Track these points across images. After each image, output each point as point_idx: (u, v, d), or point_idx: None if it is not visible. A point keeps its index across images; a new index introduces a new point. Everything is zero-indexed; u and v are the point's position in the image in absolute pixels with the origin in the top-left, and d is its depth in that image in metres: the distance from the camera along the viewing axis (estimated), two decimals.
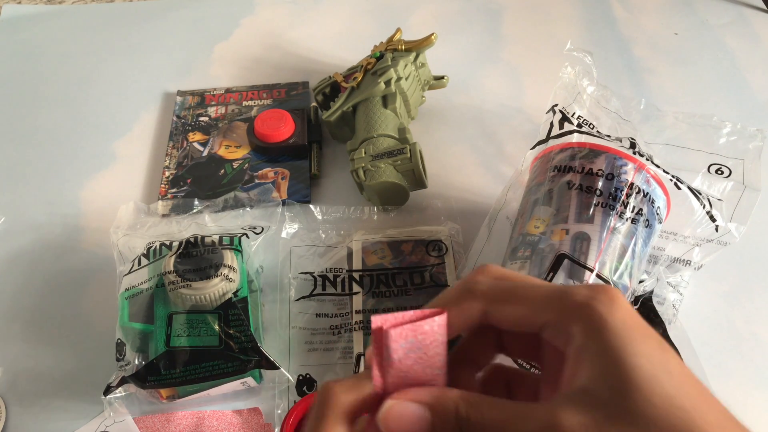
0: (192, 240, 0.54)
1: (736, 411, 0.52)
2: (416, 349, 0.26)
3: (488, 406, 0.24)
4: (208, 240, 0.55)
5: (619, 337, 0.24)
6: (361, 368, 0.52)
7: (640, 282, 0.55)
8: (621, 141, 0.55)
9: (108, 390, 0.49)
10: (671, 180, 0.53)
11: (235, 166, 0.70)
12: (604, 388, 0.23)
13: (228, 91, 0.80)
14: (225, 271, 0.52)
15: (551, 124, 0.59)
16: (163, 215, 0.65)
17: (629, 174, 0.52)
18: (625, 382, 0.23)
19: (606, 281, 0.48)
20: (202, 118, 0.76)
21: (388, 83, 0.67)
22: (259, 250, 0.59)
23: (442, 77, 0.75)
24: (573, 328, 0.25)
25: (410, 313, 0.26)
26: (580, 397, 0.23)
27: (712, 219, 0.54)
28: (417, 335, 0.25)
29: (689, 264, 0.57)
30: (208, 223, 0.61)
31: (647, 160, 0.53)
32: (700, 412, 0.23)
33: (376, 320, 0.25)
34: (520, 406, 0.24)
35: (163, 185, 0.68)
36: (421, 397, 0.25)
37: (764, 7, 0.93)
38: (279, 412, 0.51)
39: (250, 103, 0.78)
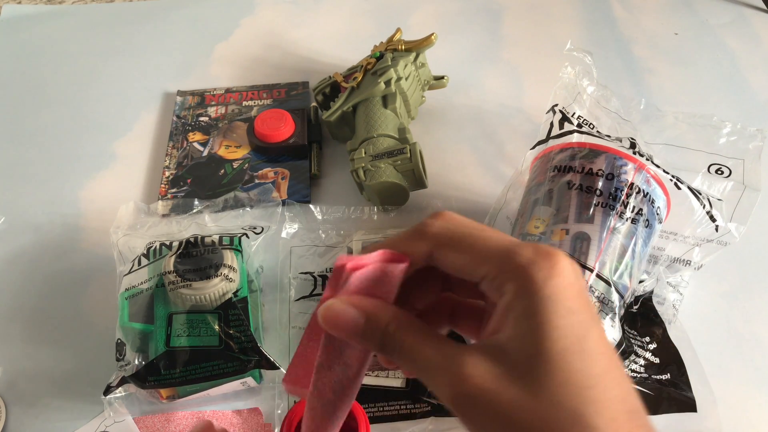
0: (192, 240, 0.54)
1: (736, 411, 0.52)
2: (371, 285, 0.27)
3: (413, 333, 0.26)
4: (208, 240, 0.55)
5: (546, 307, 0.24)
6: None
7: (640, 282, 0.55)
8: (621, 141, 0.55)
9: (108, 390, 0.49)
10: (671, 180, 0.53)
11: (235, 166, 0.70)
12: (516, 351, 0.24)
13: (228, 91, 0.80)
14: (225, 271, 0.52)
15: (551, 124, 0.59)
16: (163, 215, 0.65)
17: (629, 174, 0.52)
18: (538, 351, 0.23)
19: (606, 281, 0.48)
20: (202, 118, 0.76)
21: (388, 83, 0.67)
22: (259, 250, 0.59)
23: (442, 77, 0.75)
24: (507, 286, 0.25)
25: (374, 255, 0.27)
26: (492, 351, 0.25)
27: (712, 219, 0.54)
28: (376, 275, 0.27)
29: (689, 264, 0.57)
30: (208, 223, 0.61)
31: (647, 160, 0.53)
32: (600, 390, 0.23)
33: (341, 258, 0.27)
34: (439, 341, 0.26)
35: (163, 185, 0.68)
36: (362, 305, 0.27)
37: (764, 7, 0.93)
38: (279, 412, 0.51)
39: (250, 103, 0.78)
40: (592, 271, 0.48)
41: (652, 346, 0.53)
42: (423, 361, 0.25)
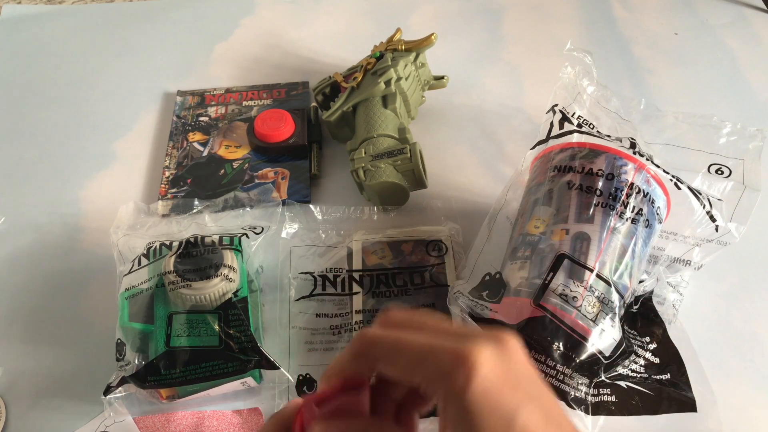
0: (192, 240, 0.54)
1: (736, 411, 0.52)
2: (338, 413, 0.29)
3: None
4: (208, 240, 0.55)
5: (471, 415, 0.26)
6: None
7: (640, 282, 0.55)
8: (621, 141, 0.55)
9: (108, 390, 0.49)
10: (671, 180, 0.53)
11: (235, 166, 0.70)
12: None
13: (228, 91, 0.80)
14: (225, 271, 0.52)
15: (551, 124, 0.59)
16: (163, 215, 0.65)
17: (629, 174, 0.52)
18: None
19: (606, 281, 0.48)
20: (202, 118, 0.76)
21: (388, 83, 0.67)
22: (259, 250, 0.59)
23: (442, 77, 0.75)
24: (437, 395, 0.27)
25: (333, 389, 0.30)
26: None
27: (712, 219, 0.54)
28: (344, 407, 0.29)
29: (689, 264, 0.57)
30: (208, 223, 0.61)
31: (647, 160, 0.53)
32: None
33: (305, 399, 0.30)
34: None
35: (163, 185, 0.68)
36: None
37: (764, 7, 0.93)
38: None
39: (250, 103, 0.78)
40: (592, 271, 0.48)
41: (652, 346, 0.53)
42: None
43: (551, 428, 0.26)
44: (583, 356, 0.47)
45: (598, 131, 0.58)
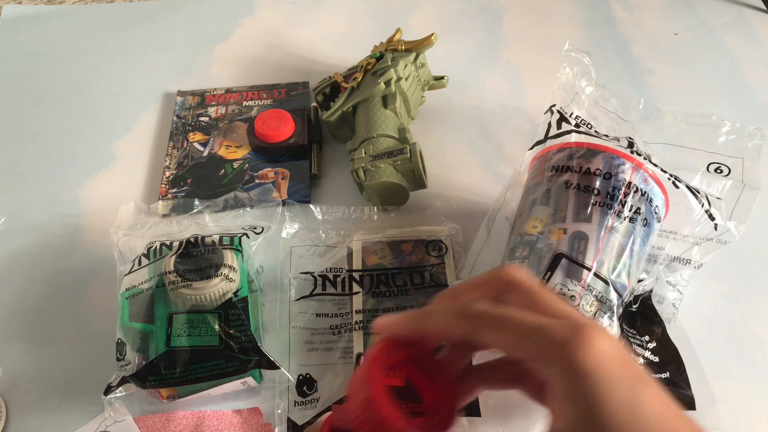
0: (192, 240, 0.54)
1: (736, 410, 0.52)
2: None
3: None
4: (208, 240, 0.55)
5: (593, 383, 0.25)
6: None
7: (640, 281, 0.55)
8: (619, 140, 0.56)
9: (108, 390, 0.49)
10: (669, 179, 0.53)
11: (235, 166, 0.70)
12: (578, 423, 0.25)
13: (228, 91, 0.80)
14: (225, 271, 0.52)
15: (549, 125, 0.59)
16: (164, 215, 0.65)
17: (627, 173, 0.52)
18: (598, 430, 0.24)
19: (604, 280, 0.48)
20: (202, 118, 0.76)
21: (388, 83, 0.67)
22: (259, 250, 0.59)
23: (442, 77, 0.75)
24: (550, 369, 0.27)
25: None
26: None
27: (711, 218, 0.54)
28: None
29: (689, 263, 0.57)
30: (208, 223, 0.61)
31: (645, 159, 0.53)
32: None
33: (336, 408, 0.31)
34: None
35: (163, 185, 0.69)
36: None
37: (764, 7, 0.93)
38: (279, 411, 0.51)
39: (251, 103, 0.78)
40: (590, 270, 0.48)
41: (651, 345, 0.53)
42: None
43: (670, 410, 0.26)
44: None
45: (596, 131, 0.58)
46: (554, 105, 0.60)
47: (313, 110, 0.75)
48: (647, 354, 0.52)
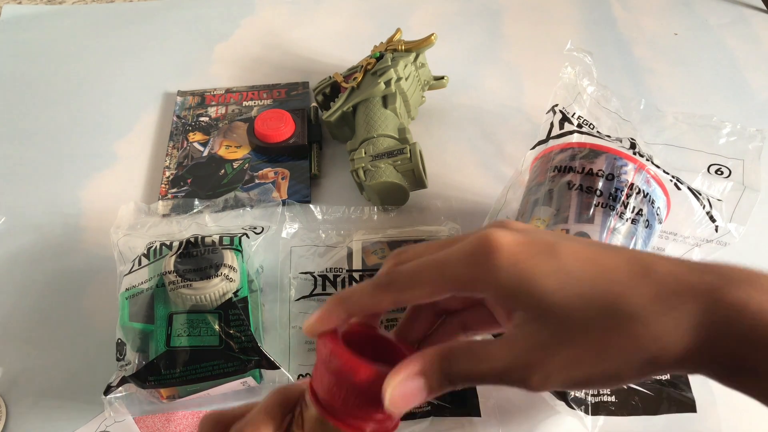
0: (192, 240, 0.54)
1: (736, 411, 0.52)
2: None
3: (465, 355, 0.28)
4: (208, 240, 0.55)
5: (512, 280, 0.27)
6: None
7: None
8: (621, 141, 0.55)
9: (108, 390, 0.49)
10: (671, 180, 0.53)
11: (235, 166, 0.70)
12: (528, 319, 0.27)
13: (228, 91, 0.80)
14: (225, 271, 0.52)
15: (551, 125, 0.59)
16: (164, 215, 0.65)
17: (629, 174, 0.52)
18: (538, 308, 0.27)
19: None
20: (202, 118, 0.76)
21: (388, 83, 0.67)
22: (259, 250, 0.59)
23: (442, 77, 0.75)
24: (476, 291, 0.28)
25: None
26: (519, 332, 0.27)
27: (712, 219, 0.54)
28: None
29: None
30: (208, 223, 0.61)
31: (647, 160, 0.53)
32: (603, 283, 0.26)
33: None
34: (487, 348, 0.27)
35: (163, 185, 0.68)
36: (413, 369, 0.27)
37: (764, 7, 0.93)
38: None
39: (251, 103, 0.78)
40: None
41: None
42: (496, 370, 0.27)
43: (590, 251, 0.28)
44: None
45: (598, 131, 0.58)
46: (556, 105, 0.60)
47: (313, 110, 0.75)
48: None
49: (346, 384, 0.28)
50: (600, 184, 0.51)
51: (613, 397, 0.50)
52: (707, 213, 0.54)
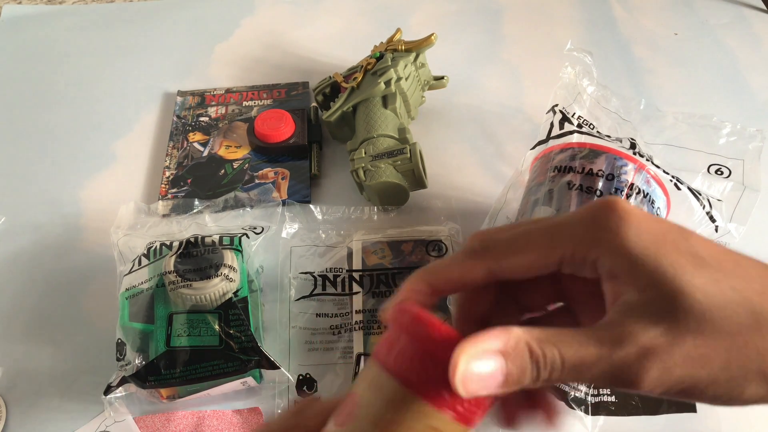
0: (192, 240, 0.54)
1: (736, 411, 0.52)
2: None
3: (559, 339, 0.23)
4: (208, 240, 0.55)
5: (645, 251, 0.24)
6: (362, 368, 0.52)
7: None
8: (621, 141, 0.56)
9: (108, 390, 0.49)
10: (671, 180, 0.53)
11: (235, 166, 0.70)
12: (655, 298, 0.23)
13: (228, 91, 0.80)
14: (225, 271, 0.52)
15: (551, 125, 0.59)
16: (164, 215, 0.65)
17: (629, 174, 0.52)
18: (670, 289, 0.23)
19: None
20: (202, 118, 0.76)
21: (388, 83, 0.67)
22: (259, 250, 0.59)
23: (442, 77, 0.75)
24: (595, 255, 0.24)
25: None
26: (637, 311, 0.23)
27: (712, 219, 0.54)
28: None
29: None
30: (208, 223, 0.61)
31: (647, 160, 0.53)
32: (746, 287, 0.24)
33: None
34: (587, 332, 0.23)
35: (163, 185, 0.68)
36: (490, 346, 0.23)
37: (764, 7, 0.93)
38: (279, 411, 0.51)
39: (250, 103, 0.78)
40: None
41: None
42: (595, 359, 0.23)
43: (720, 248, 0.26)
44: None
45: (598, 131, 0.58)
46: (556, 105, 0.60)
47: (313, 110, 0.75)
48: None
49: (431, 355, 0.24)
50: (600, 184, 0.51)
51: (613, 397, 0.50)
52: (707, 213, 0.54)
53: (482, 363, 0.22)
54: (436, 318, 0.24)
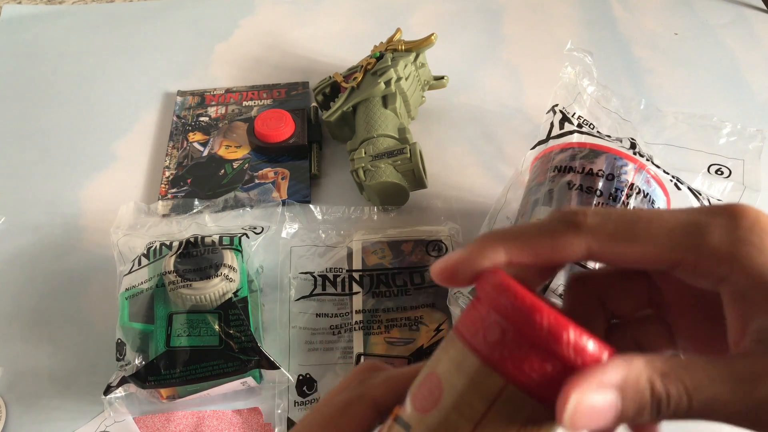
0: (192, 240, 0.54)
1: None
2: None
3: (687, 374, 0.20)
4: (208, 240, 0.55)
5: None
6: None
7: None
8: (621, 141, 0.56)
9: (108, 390, 0.49)
10: (671, 180, 0.53)
11: (235, 166, 0.70)
12: None
13: (228, 91, 0.80)
14: (225, 271, 0.52)
15: (551, 125, 0.59)
16: (164, 215, 0.65)
17: (629, 174, 0.52)
18: None
19: None
20: (202, 118, 0.76)
21: (388, 83, 0.67)
22: (259, 250, 0.59)
23: (442, 77, 0.75)
24: (726, 270, 0.21)
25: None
26: None
27: None
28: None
29: None
30: (208, 223, 0.61)
31: (647, 160, 0.53)
32: None
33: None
34: (718, 365, 0.20)
35: (163, 185, 0.68)
36: (608, 380, 0.20)
37: (764, 7, 0.93)
38: (279, 411, 0.51)
39: (250, 103, 0.78)
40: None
41: None
42: (748, 399, 0.19)
43: None
44: None
45: (598, 131, 0.58)
46: (557, 105, 0.60)
47: (313, 110, 0.75)
48: None
49: (539, 350, 0.21)
50: (600, 184, 0.51)
51: None
52: None
53: (596, 397, 0.20)
54: (539, 297, 0.21)
